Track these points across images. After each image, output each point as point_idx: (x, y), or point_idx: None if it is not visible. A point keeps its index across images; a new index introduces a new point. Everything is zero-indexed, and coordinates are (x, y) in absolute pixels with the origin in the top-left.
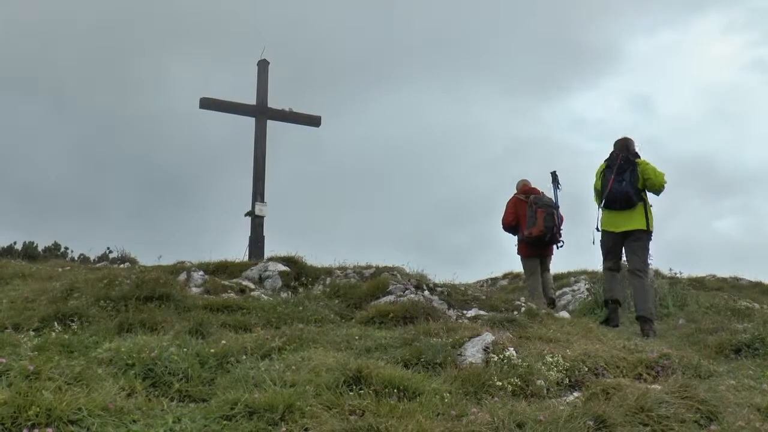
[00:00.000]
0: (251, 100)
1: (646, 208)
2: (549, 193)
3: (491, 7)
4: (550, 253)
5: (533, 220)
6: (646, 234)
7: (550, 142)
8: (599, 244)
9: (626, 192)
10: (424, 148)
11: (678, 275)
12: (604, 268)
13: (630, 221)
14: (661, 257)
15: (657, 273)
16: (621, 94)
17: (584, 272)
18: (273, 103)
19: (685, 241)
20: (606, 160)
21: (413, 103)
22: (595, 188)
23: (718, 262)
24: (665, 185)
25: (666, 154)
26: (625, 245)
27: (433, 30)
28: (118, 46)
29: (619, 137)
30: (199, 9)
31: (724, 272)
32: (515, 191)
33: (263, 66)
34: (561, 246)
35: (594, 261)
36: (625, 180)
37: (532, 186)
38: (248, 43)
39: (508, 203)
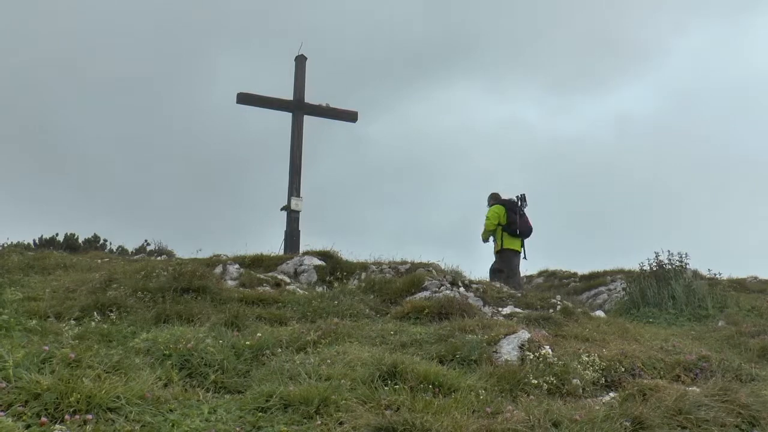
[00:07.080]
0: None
1: None
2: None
3: (532, 4)
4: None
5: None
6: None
7: (592, 139)
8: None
9: (531, 227)
10: (462, 145)
11: (717, 276)
12: (497, 270)
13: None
14: (700, 258)
15: (695, 273)
16: (665, 90)
17: (621, 271)
18: (313, 98)
19: (727, 241)
20: (505, 205)
21: (453, 101)
22: (494, 221)
23: (762, 264)
24: None
25: (709, 151)
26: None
27: (475, 27)
28: (161, 43)
29: (503, 196)
30: (241, 3)
31: (767, 274)
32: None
33: (300, 61)
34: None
35: (631, 261)
36: (524, 219)
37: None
38: (289, 38)
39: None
